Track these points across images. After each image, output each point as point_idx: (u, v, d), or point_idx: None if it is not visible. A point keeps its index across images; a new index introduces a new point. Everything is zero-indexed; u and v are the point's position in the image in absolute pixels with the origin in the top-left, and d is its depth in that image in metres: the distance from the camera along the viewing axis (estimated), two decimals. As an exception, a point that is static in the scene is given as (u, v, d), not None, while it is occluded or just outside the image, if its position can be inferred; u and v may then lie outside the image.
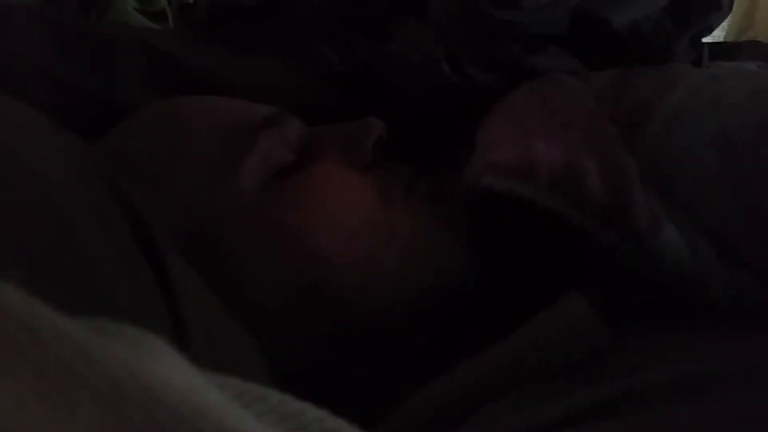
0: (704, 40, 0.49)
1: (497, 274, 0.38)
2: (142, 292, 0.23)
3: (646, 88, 0.39)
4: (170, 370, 0.14)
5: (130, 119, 0.40)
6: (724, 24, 0.62)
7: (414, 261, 0.37)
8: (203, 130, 0.37)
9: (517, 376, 0.31)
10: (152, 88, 0.44)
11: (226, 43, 0.48)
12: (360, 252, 0.36)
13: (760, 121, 0.34)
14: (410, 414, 0.31)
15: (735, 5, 0.50)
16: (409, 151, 0.43)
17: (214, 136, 0.37)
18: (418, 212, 0.38)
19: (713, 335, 0.31)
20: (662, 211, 0.33)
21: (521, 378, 0.30)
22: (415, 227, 0.37)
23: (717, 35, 0.65)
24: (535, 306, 0.33)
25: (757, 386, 0.28)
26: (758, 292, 0.32)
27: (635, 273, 0.33)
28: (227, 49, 0.48)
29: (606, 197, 0.33)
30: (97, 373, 0.12)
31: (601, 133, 0.36)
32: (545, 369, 0.31)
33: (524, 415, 0.28)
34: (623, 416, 0.27)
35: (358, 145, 0.39)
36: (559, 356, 0.31)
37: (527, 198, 0.35)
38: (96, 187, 0.24)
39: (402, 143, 0.42)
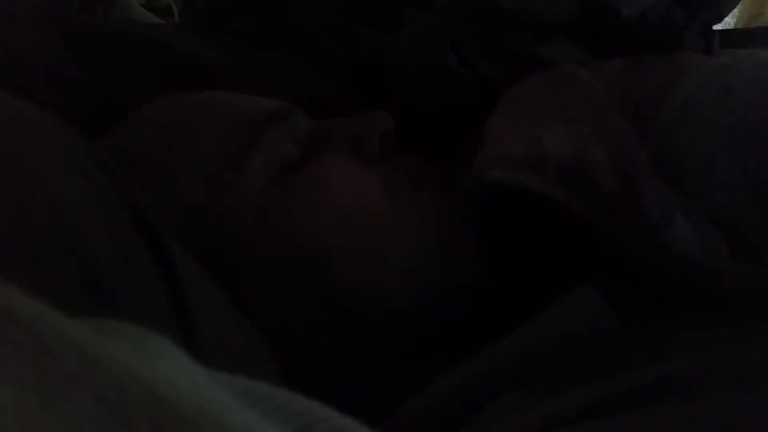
0: (714, 27, 0.48)
1: (505, 268, 0.38)
2: (147, 291, 0.23)
3: (656, 78, 0.38)
4: (174, 370, 0.14)
5: (135, 115, 0.40)
6: (734, 11, 0.61)
7: (421, 255, 0.37)
8: (209, 125, 0.37)
9: (525, 370, 0.30)
10: (157, 83, 0.44)
11: (231, 38, 0.48)
12: (367, 246, 0.36)
13: None
14: (415, 411, 0.30)
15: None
16: (417, 144, 0.43)
17: (220, 132, 0.37)
18: (425, 206, 0.38)
19: (723, 327, 0.31)
20: (673, 202, 0.33)
21: (528, 372, 0.30)
22: (422, 221, 0.37)
23: (727, 21, 0.64)
24: (542, 301, 0.33)
25: (766, 377, 0.28)
26: None
27: (645, 265, 0.33)
28: (232, 43, 0.47)
29: (616, 189, 0.33)
30: (101, 377, 0.12)
31: (611, 125, 0.36)
32: (554, 363, 0.31)
33: (533, 410, 0.28)
34: (634, 409, 0.27)
35: (365, 138, 0.39)
36: (568, 350, 0.31)
37: (536, 191, 0.34)
38: (100, 186, 0.24)
39: (409, 136, 0.42)
